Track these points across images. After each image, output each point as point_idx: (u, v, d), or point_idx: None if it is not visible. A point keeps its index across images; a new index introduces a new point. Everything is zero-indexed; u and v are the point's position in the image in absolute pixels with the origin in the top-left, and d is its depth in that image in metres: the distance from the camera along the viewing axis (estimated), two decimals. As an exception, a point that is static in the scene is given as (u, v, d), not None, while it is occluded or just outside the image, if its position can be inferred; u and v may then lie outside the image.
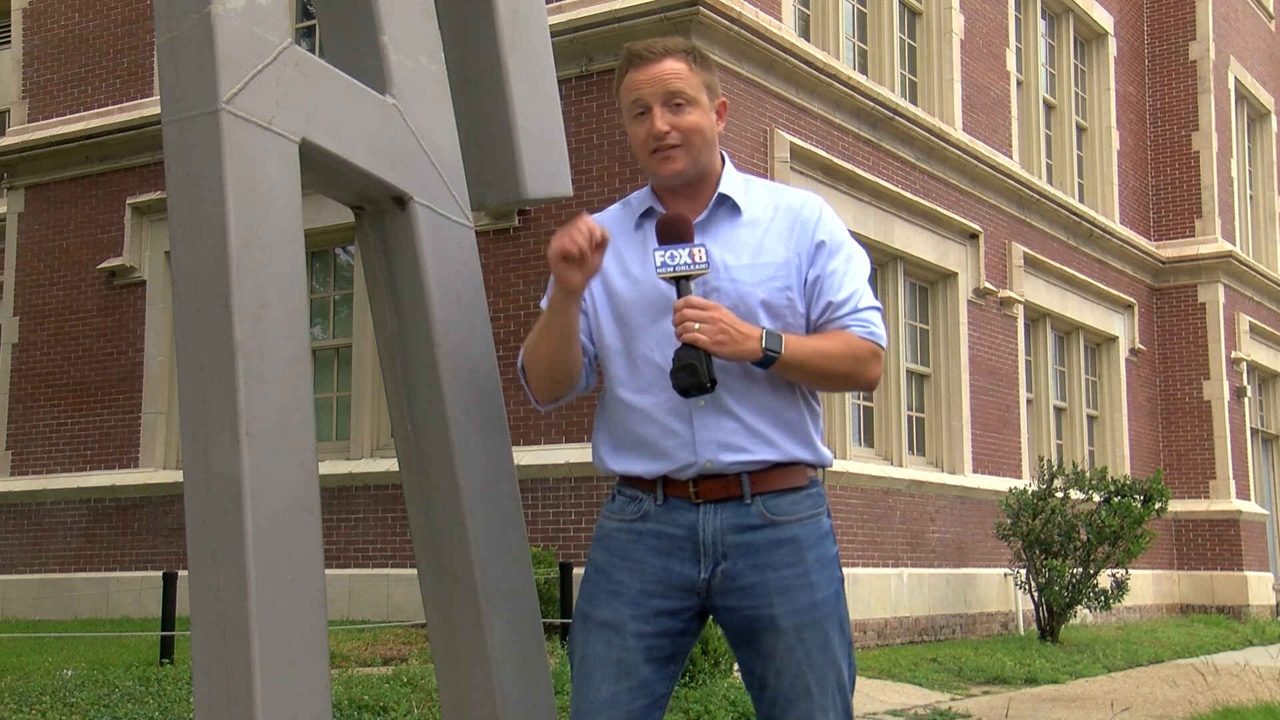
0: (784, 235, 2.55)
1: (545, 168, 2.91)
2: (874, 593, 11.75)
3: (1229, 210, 19.43)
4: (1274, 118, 21.96)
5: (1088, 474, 13.26)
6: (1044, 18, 17.22)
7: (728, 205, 2.58)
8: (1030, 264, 15.47)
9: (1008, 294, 14.83)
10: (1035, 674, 9.88)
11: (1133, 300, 18.11)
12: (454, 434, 2.52)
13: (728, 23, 10.39)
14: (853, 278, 2.56)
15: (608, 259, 2.56)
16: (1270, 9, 22.41)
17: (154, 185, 12.74)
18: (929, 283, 13.92)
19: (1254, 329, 19.64)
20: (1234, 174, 19.80)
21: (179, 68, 2.12)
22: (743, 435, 2.47)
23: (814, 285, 2.54)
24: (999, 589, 13.83)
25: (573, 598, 8.39)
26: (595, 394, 2.66)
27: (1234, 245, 19.15)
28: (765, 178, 4.24)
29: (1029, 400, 15.67)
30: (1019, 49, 16.27)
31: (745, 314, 2.47)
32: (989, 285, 14.39)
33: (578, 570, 8.57)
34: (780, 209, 2.58)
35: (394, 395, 2.59)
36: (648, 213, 2.59)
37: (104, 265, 13.05)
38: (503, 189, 2.87)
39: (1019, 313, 15.15)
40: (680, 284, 2.42)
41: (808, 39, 12.16)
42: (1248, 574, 17.96)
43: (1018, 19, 16.30)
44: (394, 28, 2.54)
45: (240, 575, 2.03)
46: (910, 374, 13.54)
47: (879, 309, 2.58)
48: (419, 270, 2.52)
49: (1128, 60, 18.85)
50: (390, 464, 10.91)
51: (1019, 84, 16.18)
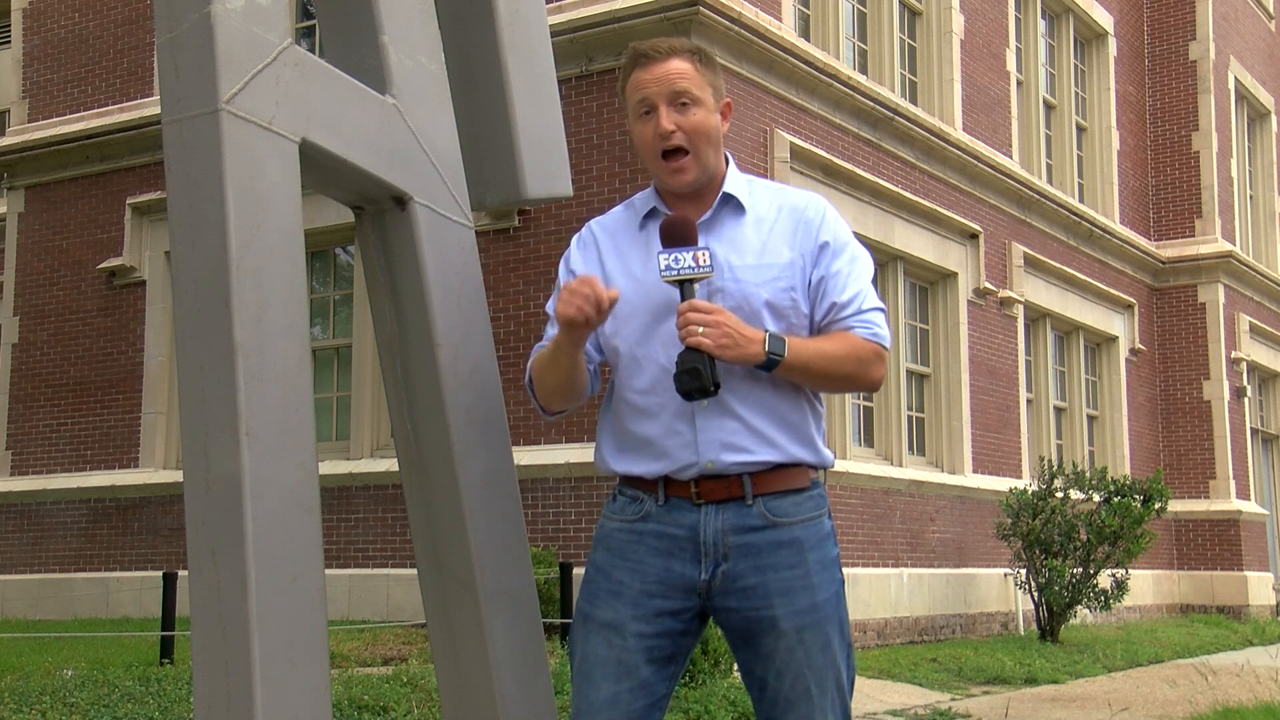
0: (788, 236, 2.55)
1: (545, 168, 2.91)
2: (874, 593, 11.74)
3: (1229, 210, 19.43)
4: (1274, 118, 21.95)
5: (1088, 474, 13.25)
6: (1044, 18, 17.21)
7: (732, 205, 2.58)
8: (1030, 264, 15.47)
9: (1008, 294, 14.83)
10: (1035, 674, 9.88)
11: (1133, 300, 18.10)
12: (454, 434, 2.52)
13: (728, 23, 10.39)
14: (857, 279, 2.55)
15: (611, 260, 2.57)
16: (1270, 9, 22.41)
17: (154, 185, 12.74)
18: (929, 283, 13.92)
19: (1254, 329, 19.63)
20: (1234, 174, 19.80)
21: (179, 68, 2.12)
22: (745, 436, 2.47)
23: (818, 286, 2.54)
24: (999, 589, 13.83)
25: (573, 598, 8.38)
26: (598, 395, 2.66)
27: (1234, 245, 19.14)
28: (765, 178, 4.24)
29: (1029, 400, 15.66)
30: (1019, 49, 16.27)
31: (749, 314, 2.47)
32: (989, 285, 14.39)
33: (578, 570, 8.57)
34: (784, 209, 2.58)
35: (394, 395, 2.59)
36: (651, 213, 2.59)
37: (104, 265, 13.05)
38: (503, 189, 2.87)
39: (1019, 313, 15.15)
40: (684, 286, 2.42)
41: (808, 39, 12.16)
42: (1248, 574, 17.96)
43: (1018, 19, 16.29)
44: (394, 28, 2.54)
45: (240, 575, 2.03)
46: (910, 374, 13.54)
47: (883, 310, 2.58)
48: (419, 270, 2.52)
49: (1128, 60, 18.85)
50: (390, 464, 10.91)
51: (1019, 84, 16.18)
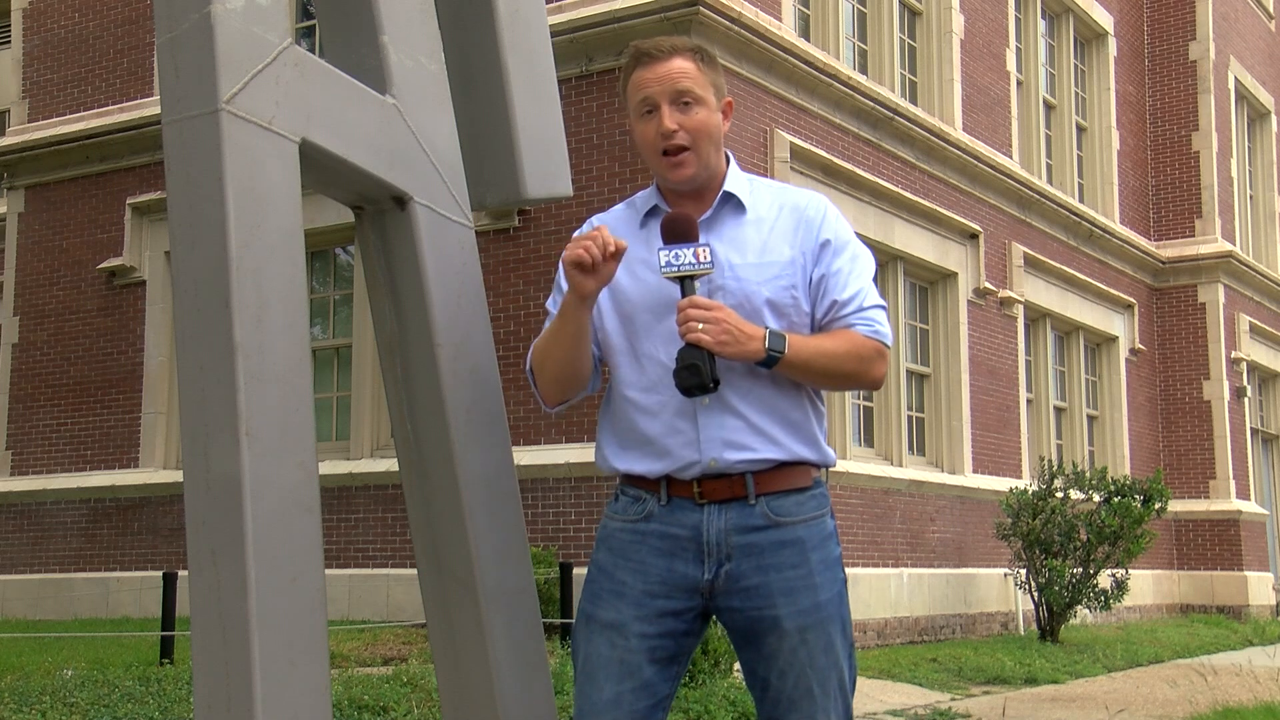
0: (789, 234, 2.55)
1: (545, 168, 2.90)
2: (874, 593, 11.74)
3: (1229, 210, 19.43)
4: (1274, 118, 21.95)
5: (1088, 474, 13.25)
6: (1044, 18, 17.21)
7: (733, 204, 2.58)
8: (1030, 264, 15.47)
9: (1008, 294, 14.83)
10: (1035, 674, 9.88)
11: (1133, 300, 18.10)
12: (454, 434, 2.52)
13: (728, 23, 10.39)
14: (858, 277, 2.55)
15: None
16: (1270, 9, 22.41)
17: (154, 185, 12.74)
18: (929, 283, 13.92)
19: (1254, 329, 19.63)
20: (1234, 174, 19.80)
21: (179, 68, 2.12)
22: (747, 434, 2.47)
23: (819, 284, 2.54)
24: (999, 589, 13.83)
25: (573, 598, 8.38)
26: (598, 395, 2.66)
27: (1234, 245, 19.14)
28: (766, 177, 4.23)
29: (1029, 400, 15.66)
30: (1019, 49, 16.27)
31: (750, 312, 2.47)
32: (989, 285, 14.39)
33: (578, 570, 8.57)
34: (785, 208, 2.58)
35: (394, 395, 2.59)
36: (653, 211, 2.59)
37: (104, 265, 13.05)
38: (503, 189, 2.86)
39: (1019, 313, 15.15)
40: (684, 283, 2.42)
41: (808, 39, 12.16)
42: (1248, 574, 17.96)
43: (1018, 19, 16.29)
44: (394, 28, 2.54)
45: (240, 575, 2.03)
46: (910, 374, 13.54)
47: (884, 308, 2.58)
48: (419, 270, 2.52)
49: (1128, 60, 18.85)
50: (390, 464, 10.91)
51: (1019, 84, 16.18)
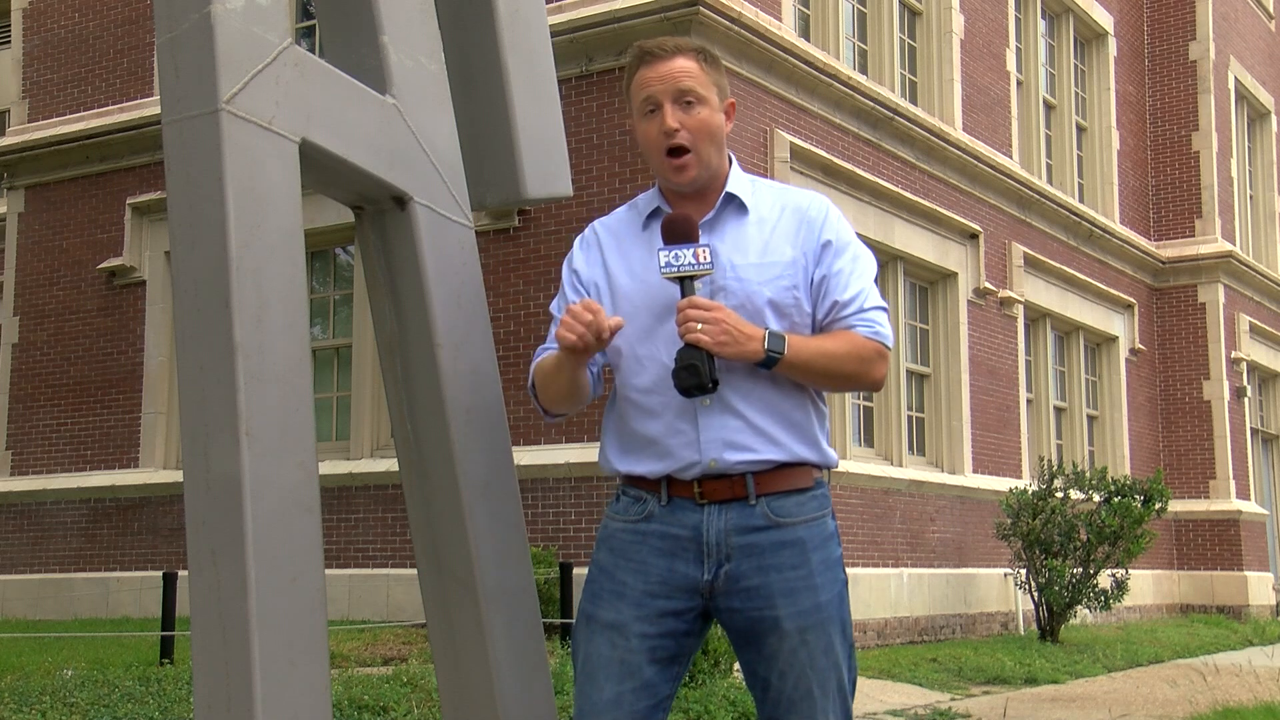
0: (790, 235, 2.55)
1: (545, 168, 2.90)
2: (874, 593, 11.74)
3: (1229, 210, 19.43)
4: (1274, 118, 21.95)
5: (1088, 474, 13.25)
6: (1044, 18, 17.21)
7: (735, 204, 2.58)
8: (1030, 264, 15.47)
9: (1008, 294, 14.83)
10: (1035, 674, 9.88)
11: (1133, 300, 18.10)
12: (454, 434, 2.52)
13: (728, 23, 10.39)
14: (859, 277, 2.55)
15: (614, 260, 2.58)
16: (1270, 9, 22.40)
17: (154, 185, 12.74)
18: (929, 283, 13.92)
19: (1254, 329, 19.63)
20: (1234, 174, 19.80)
21: (179, 68, 2.12)
22: (748, 434, 2.47)
23: (820, 285, 2.54)
24: (999, 589, 13.83)
25: (573, 598, 8.38)
26: (599, 397, 2.66)
27: (1234, 245, 19.14)
28: (766, 178, 4.23)
29: (1029, 400, 15.66)
30: (1019, 49, 16.27)
31: (751, 313, 2.47)
32: (989, 285, 14.39)
33: (578, 570, 8.57)
34: (787, 209, 2.58)
35: (394, 395, 2.59)
36: (655, 213, 2.59)
37: (104, 265, 13.05)
38: (503, 189, 2.87)
39: (1019, 313, 15.15)
40: (684, 284, 2.42)
41: (808, 39, 12.16)
42: (1248, 574, 17.96)
43: (1018, 19, 16.29)
44: (394, 28, 2.54)
45: (240, 575, 2.03)
46: (910, 374, 13.54)
47: (885, 309, 2.58)
48: (419, 270, 2.52)
49: (1128, 60, 18.85)
50: (390, 464, 10.91)
51: (1019, 84, 16.18)
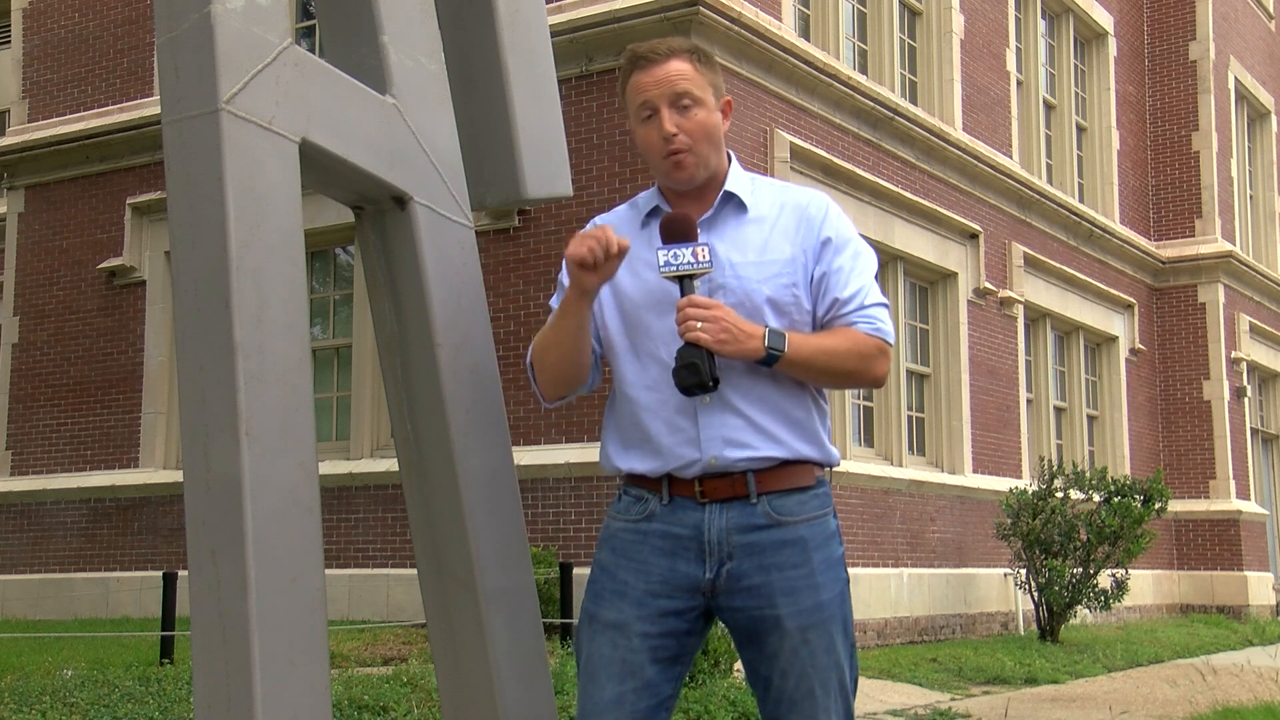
0: (790, 232, 2.55)
1: (545, 168, 2.90)
2: (874, 593, 11.74)
3: (1229, 210, 19.43)
4: (1274, 118, 21.95)
5: (1088, 474, 13.25)
6: (1044, 18, 17.21)
7: (734, 203, 2.58)
8: (1030, 264, 15.47)
9: (1008, 294, 14.82)
10: (1035, 674, 9.88)
11: (1133, 300, 18.10)
12: (454, 434, 2.52)
13: (728, 23, 10.39)
14: (859, 274, 2.55)
15: None
16: (1270, 9, 22.40)
17: (154, 185, 12.74)
18: (929, 283, 13.92)
19: (1254, 329, 19.63)
20: (1234, 174, 19.80)
21: (179, 68, 2.12)
22: (748, 432, 2.46)
23: (820, 282, 2.53)
24: (999, 589, 13.83)
25: (573, 598, 8.38)
26: (598, 394, 2.66)
27: (1234, 245, 19.14)
28: (768, 176, 4.24)
29: (1029, 400, 15.66)
30: (1019, 49, 16.27)
31: (751, 311, 2.47)
32: (989, 285, 14.39)
33: (578, 570, 8.57)
34: (787, 206, 2.58)
35: (394, 395, 2.59)
36: (654, 212, 2.60)
37: (104, 265, 13.05)
38: (503, 189, 2.86)
39: (1019, 313, 15.15)
40: (684, 283, 2.42)
41: (808, 39, 12.16)
42: (1248, 574, 17.96)
43: (1018, 19, 16.29)
44: (394, 28, 2.54)
45: (240, 575, 2.03)
46: (910, 374, 13.54)
47: (886, 305, 2.57)
48: (419, 270, 2.52)
49: (1128, 60, 18.85)
50: (390, 464, 10.91)
51: (1019, 84, 16.18)
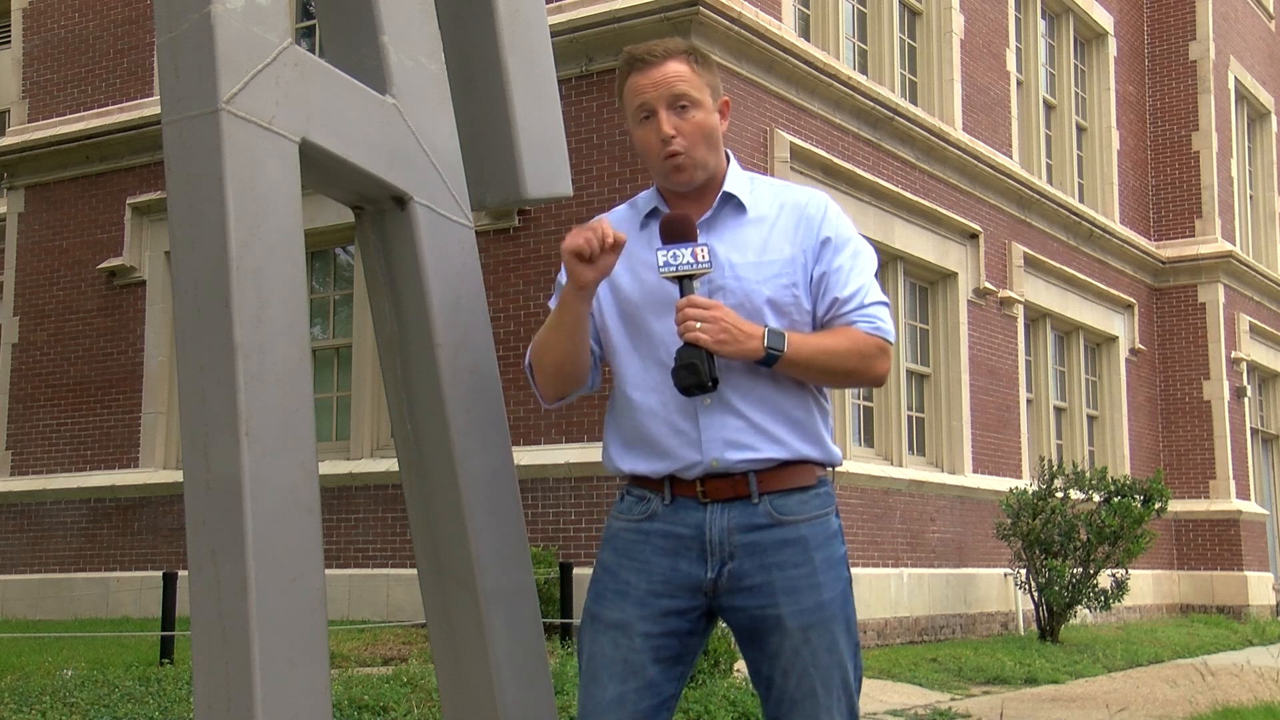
0: (790, 232, 2.55)
1: (545, 168, 2.90)
2: (874, 593, 11.74)
3: (1229, 210, 19.43)
4: (1274, 118, 21.95)
5: (1088, 474, 13.25)
6: (1044, 18, 17.21)
7: (733, 203, 2.58)
8: (1030, 264, 15.47)
9: (1008, 294, 14.83)
10: (1035, 674, 9.88)
11: (1133, 300, 18.10)
12: (454, 434, 2.51)
13: (728, 23, 10.39)
14: (859, 274, 2.55)
15: None
16: (1270, 9, 22.40)
17: (154, 185, 12.74)
18: (929, 283, 13.92)
19: (1254, 329, 19.63)
20: (1234, 174, 19.80)
21: (179, 68, 2.12)
22: (749, 433, 2.46)
23: (820, 282, 2.53)
24: (999, 589, 13.83)
25: (573, 598, 8.39)
26: (599, 394, 2.66)
27: (1234, 245, 19.14)
28: (767, 176, 4.24)
29: (1029, 400, 15.66)
30: (1019, 49, 16.27)
31: (751, 311, 2.47)
32: (989, 285, 14.39)
33: (578, 570, 8.58)
34: (786, 206, 2.58)
35: (394, 395, 2.59)
36: (653, 213, 2.59)
37: (104, 265, 13.05)
38: (503, 189, 2.86)
39: (1019, 313, 15.15)
40: (683, 283, 2.42)
41: (808, 39, 12.16)
42: (1248, 574, 17.96)
43: (1018, 19, 16.29)
44: (394, 28, 2.54)
45: (240, 575, 2.03)
46: (910, 374, 13.54)
47: (886, 304, 2.57)
48: (419, 270, 2.52)
49: (1128, 60, 18.85)
50: (390, 464, 10.91)
51: (1019, 84, 16.18)
